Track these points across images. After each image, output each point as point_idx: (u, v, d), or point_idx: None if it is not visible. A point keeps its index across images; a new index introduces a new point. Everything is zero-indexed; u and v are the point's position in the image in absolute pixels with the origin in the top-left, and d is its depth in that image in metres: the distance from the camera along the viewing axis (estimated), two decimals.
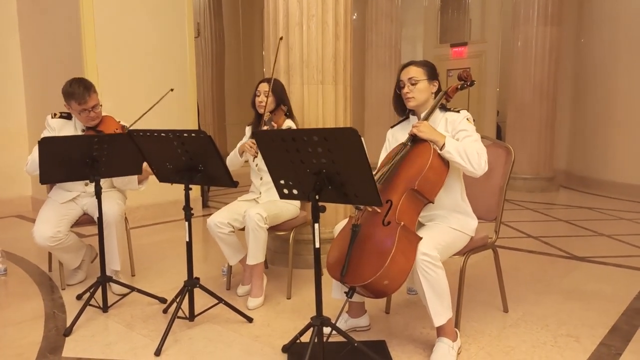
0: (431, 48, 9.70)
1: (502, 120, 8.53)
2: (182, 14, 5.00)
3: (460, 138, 2.06)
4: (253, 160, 2.79)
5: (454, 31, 9.52)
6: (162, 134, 2.11)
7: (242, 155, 2.80)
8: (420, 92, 2.14)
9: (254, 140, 2.70)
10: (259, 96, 2.80)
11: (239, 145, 2.84)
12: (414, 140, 2.08)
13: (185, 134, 2.07)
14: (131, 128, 2.73)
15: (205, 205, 5.49)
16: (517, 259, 3.48)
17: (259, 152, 1.84)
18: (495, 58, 8.94)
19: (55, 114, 2.85)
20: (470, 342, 2.16)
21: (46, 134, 2.78)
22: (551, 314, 2.49)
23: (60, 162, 2.35)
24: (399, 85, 2.18)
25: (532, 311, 2.51)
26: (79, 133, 2.79)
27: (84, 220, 2.88)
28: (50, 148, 2.29)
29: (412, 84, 2.13)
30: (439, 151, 2.00)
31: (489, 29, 8.99)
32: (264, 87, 2.80)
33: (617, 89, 6.40)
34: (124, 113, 3.00)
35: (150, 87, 4.76)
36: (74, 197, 2.84)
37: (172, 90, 2.94)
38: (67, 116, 2.84)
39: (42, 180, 2.37)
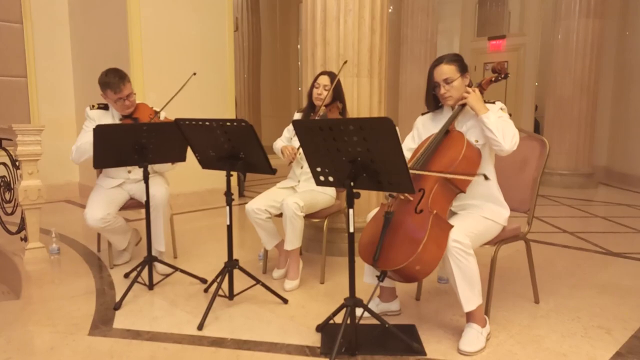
0: (468, 42, 9.57)
1: (541, 115, 8.36)
2: (222, 8, 5.17)
3: None
4: (289, 164, 2.87)
5: (492, 24, 9.36)
6: (207, 123, 2.24)
7: (283, 155, 2.85)
8: (457, 90, 2.18)
9: (294, 147, 2.78)
10: (317, 88, 2.83)
11: (280, 142, 2.94)
12: (448, 131, 2.13)
13: (228, 123, 2.19)
14: (160, 111, 2.98)
15: (241, 194, 5.66)
16: (551, 253, 3.47)
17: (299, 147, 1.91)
18: (534, 51, 8.74)
19: (93, 106, 3.03)
20: (500, 330, 2.21)
21: (87, 124, 2.95)
22: (583, 306, 2.49)
23: (112, 148, 2.52)
24: (433, 85, 2.23)
25: (564, 303, 2.53)
26: (117, 122, 2.95)
27: (132, 204, 3.06)
28: (103, 135, 2.46)
29: (448, 84, 2.18)
30: (478, 115, 2.06)
31: (528, 22, 8.79)
32: (324, 80, 2.83)
33: None
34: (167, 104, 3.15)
35: (192, 80, 4.93)
36: (119, 183, 3.02)
37: (194, 74, 3.13)
38: (105, 107, 3.03)
39: (96, 165, 2.55)
